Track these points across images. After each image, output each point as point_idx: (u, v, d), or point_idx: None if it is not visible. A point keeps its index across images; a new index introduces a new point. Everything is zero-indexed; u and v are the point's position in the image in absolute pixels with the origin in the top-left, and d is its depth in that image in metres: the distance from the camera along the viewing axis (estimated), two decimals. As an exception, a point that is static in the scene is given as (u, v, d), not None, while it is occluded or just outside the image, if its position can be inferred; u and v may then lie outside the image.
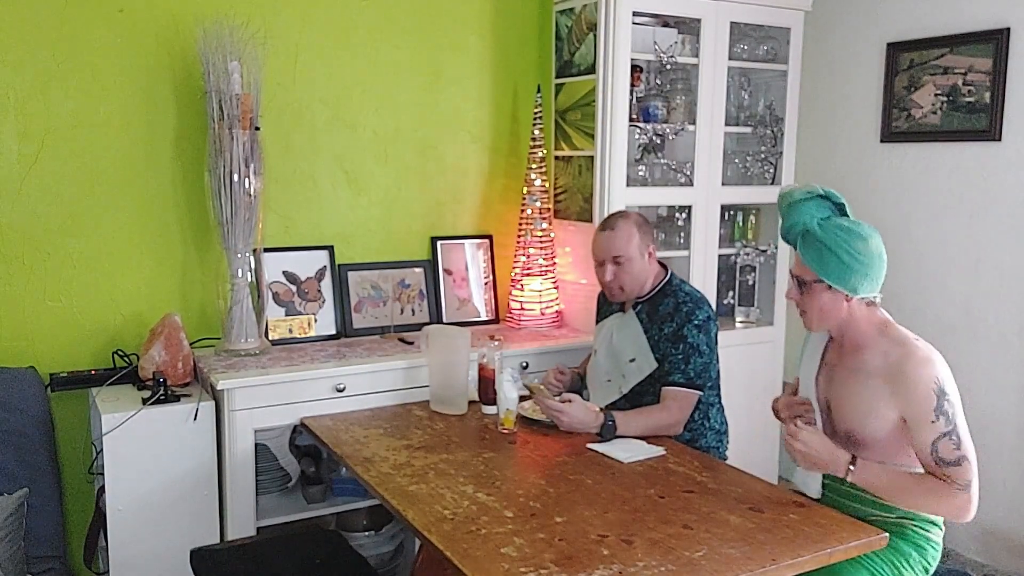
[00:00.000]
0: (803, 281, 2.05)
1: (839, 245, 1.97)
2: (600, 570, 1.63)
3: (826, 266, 1.99)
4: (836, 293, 2.01)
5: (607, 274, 2.51)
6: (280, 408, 2.58)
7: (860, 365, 2.03)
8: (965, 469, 1.89)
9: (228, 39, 2.66)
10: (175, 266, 2.90)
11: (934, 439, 1.89)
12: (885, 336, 2.02)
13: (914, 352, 1.95)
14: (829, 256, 1.98)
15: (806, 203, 2.05)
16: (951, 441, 1.89)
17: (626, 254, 2.49)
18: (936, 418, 1.89)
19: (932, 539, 2.04)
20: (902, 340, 1.99)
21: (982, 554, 3.15)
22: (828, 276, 1.99)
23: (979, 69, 3.08)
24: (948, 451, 1.89)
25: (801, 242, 2.04)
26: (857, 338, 2.06)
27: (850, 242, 1.97)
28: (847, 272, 1.97)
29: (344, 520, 2.97)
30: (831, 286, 2.00)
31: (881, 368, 1.98)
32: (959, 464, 1.89)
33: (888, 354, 1.98)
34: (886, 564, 1.98)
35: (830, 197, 2.06)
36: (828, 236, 1.98)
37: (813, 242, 2.00)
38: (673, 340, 2.45)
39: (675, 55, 3.23)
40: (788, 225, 2.07)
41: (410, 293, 3.24)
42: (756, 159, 3.56)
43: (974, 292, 3.18)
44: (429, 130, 3.28)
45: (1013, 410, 3.08)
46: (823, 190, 2.06)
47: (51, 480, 2.60)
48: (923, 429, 1.91)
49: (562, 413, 2.35)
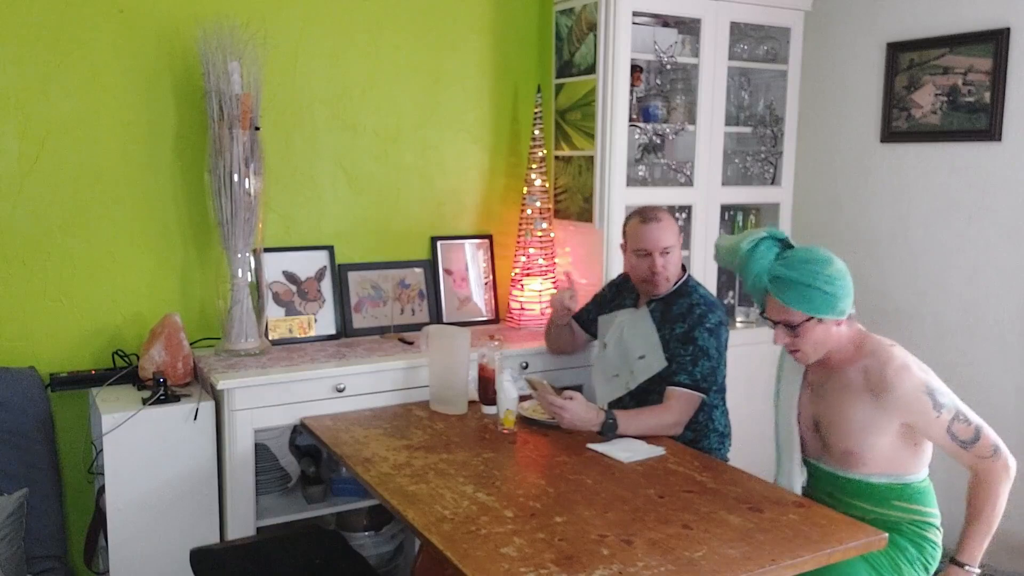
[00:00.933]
0: (792, 324, 2.04)
1: (813, 278, 1.98)
2: (600, 570, 1.63)
3: (812, 302, 1.99)
4: (827, 323, 2.03)
5: (657, 264, 2.51)
6: (280, 408, 2.58)
7: (844, 383, 2.06)
8: (985, 438, 1.96)
9: (228, 39, 2.66)
10: (175, 266, 2.90)
11: (947, 428, 1.96)
12: (861, 350, 2.05)
13: (889, 363, 1.99)
14: (810, 292, 1.99)
15: (756, 250, 2.08)
16: (960, 422, 1.96)
17: (674, 243, 2.53)
18: (939, 413, 1.95)
19: (930, 538, 2.05)
20: (875, 351, 2.03)
21: (982, 554, 3.14)
22: (817, 311, 2.00)
23: (979, 69, 3.08)
24: (964, 431, 1.96)
25: (773, 288, 2.04)
26: (840, 356, 2.09)
27: (821, 271, 1.99)
28: (832, 300, 1.99)
29: (344, 520, 2.97)
30: (821, 319, 2.01)
31: (864, 385, 2.02)
32: (979, 437, 1.95)
33: (868, 369, 2.01)
34: (885, 558, 2.00)
35: (772, 235, 2.10)
36: (799, 273, 2.00)
37: (788, 284, 2.01)
38: (683, 341, 2.45)
39: (675, 55, 3.23)
40: (752, 277, 2.09)
41: (410, 293, 3.24)
42: (756, 159, 3.56)
43: (974, 293, 3.18)
44: (429, 130, 3.28)
45: (1013, 410, 3.07)
46: (765, 231, 2.10)
47: (51, 480, 2.60)
48: (933, 427, 1.97)
49: (563, 410, 2.35)
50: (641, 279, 2.55)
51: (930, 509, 2.07)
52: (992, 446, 1.96)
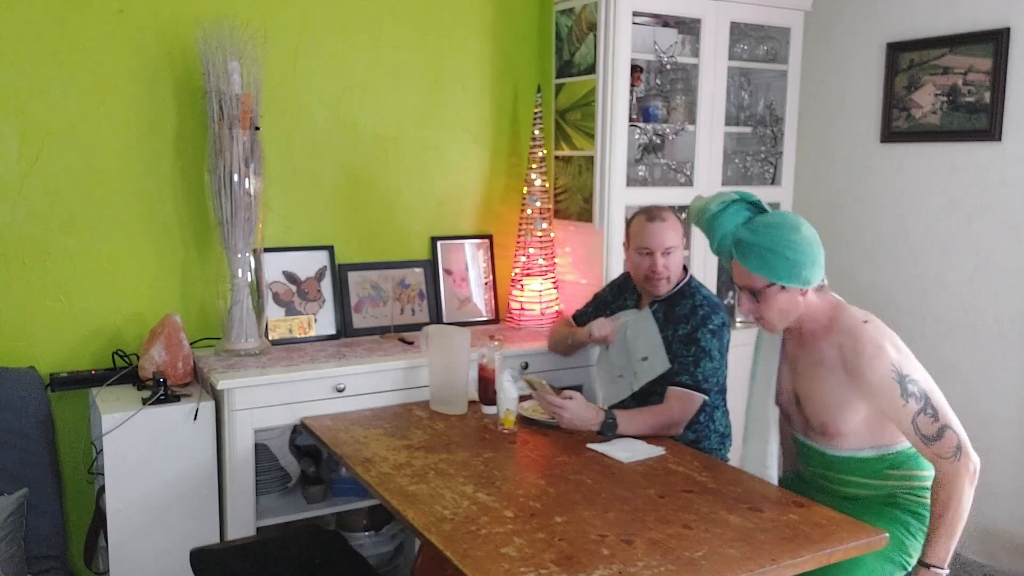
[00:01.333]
0: (755, 290, 2.02)
1: (777, 243, 1.95)
2: (600, 570, 1.63)
3: (773, 268, 1.97)
4: (791, 291, 2.00)
5: (658, 264, 2.50)
6: (280, 408, 2.58)
7: (820, 356, 2.04)
8: (948, 437, 1.89)
9: (228, 39, 2.66)
10: (175, 266, 2.90)
11: (911, 419, 1.91)
12: (836, 324, 2.01)
13: (863, 342, 1.94)
14: (772, 257, 1.96)
15: (725, 212, 2.06)
16: (927, 416, 1.90)
17: (677, 243, 2.51)
18: (905, 401, 1.91)
19: (925, 503, 2.05)
20: (851, 328, 1.98)
21: (982, 554, 3.14)
22: (779, 277, 1.97)
23: (979, 69, 3.08)
24: (927, 426, 1.90)
25: (737, 252, 2.02)
26: (814, 327, 2.06)
27: (786, 236, 1.96)
28: (795, 267, 1.96)
29: (344, 520, 2.97)
30: (784, 286, 1.98)
31: (838, 361, 1.98)
32: (941, 436, 1.89)
33: (842, 346, 1.98)
34: (890, 536, 1.99)
35: (744, 199, 2.07)
36: (762, 238, 1.97)
37: (751, 248, 1.98)
38: (686, 342, 2.45)
39: (675, 55, 3.23)
40: (717, 239, 2.07)
41: (410, 293, 3.24)
42: (756, 159, 3.56)
43: (974, 292, 3.18)
44: (429, 130, 3.28)
45: (1013, 410, 3.07)
46: (737, 194, 2.06)
47: (51, 480, 2.60)
48: (899, 415, 1.93)
49: (563, 409, 2.35)
50: (642, 278, 2.55)
51: (924, 472, 2.06)
52: (954, 448, 1.90)
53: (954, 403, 2.00)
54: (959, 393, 3.16)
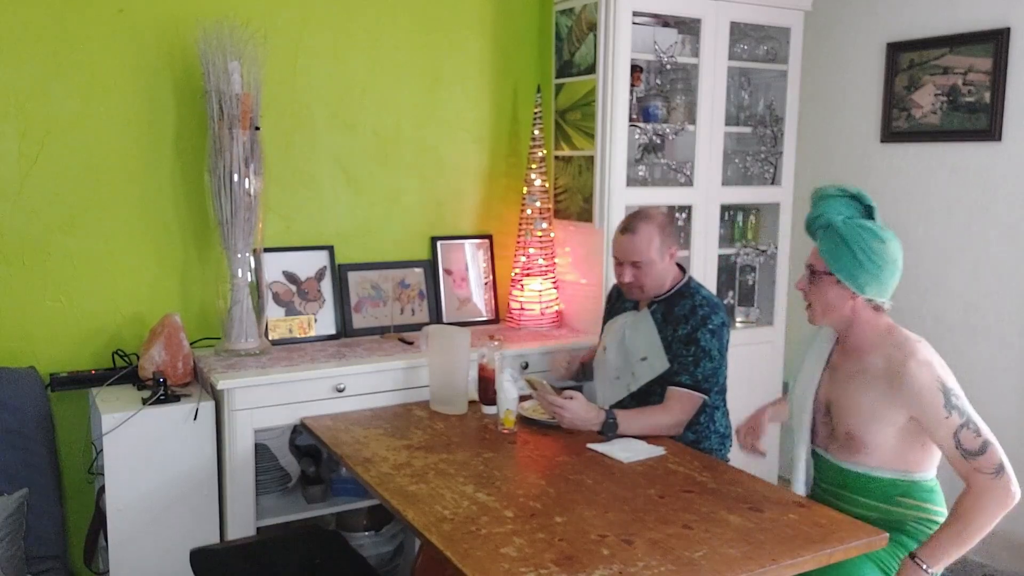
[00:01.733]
0: (814, 271, 2.07)
1: (855, 242, 1.99)
2: (600, 570, 1.63)
3: (839, 260, 2.00)
4: (843, 289, 2.02)
5: (626, 275, 2.51)
6: (280, 408, 2.58)
7: (862, 368, 2.04)
8: (991, 453, 1.89)
9: (228, 39, 2.66)
10: (175, 266, 2.90)
11: (954, 432, 1.90)
12: (888, 340, 2.03)
13: (914, 354, 1.96)
14: (844, 250, 2.00)
15: (836, 199, 2.07)
16: (970, 430, 1.90)
17: (645, 258, 2.47)
18: (948, 413, 1.91)
19: None
20: (903, 342, 2.00)
21: (982, 554, 3.15)
22: (839, 270, 2.01)
23: (979, 69, 3.08)
24: (970, 441, 1.90)
25: (822, 233, 2.06)
26: (861, 341, 2.07)
27: (867, 241, 1.99)
28: (858, 269, 1.99)
29: (344, 520, 2.97)
30: (839, 280, 2.02)
31: (883, 371, 1.99)
32: (984, 451, 1.89)
33: (891, 357, 1.99)
34: (892, 558, 2.00)
35: (861, 199, 2.07)
36: (847, 231, 2.00)
37: (832, 235, 2.02)
38: (686, 342, 2.45)
39: (675, 55, 3.23)
40: (813, 215, 2.09)
41: (410, 293, 3.24)
42: (756, 159, 3.56)
43: (974, 292, 3.18)
44: (429, 130, 3.28)
45: (1013, 410, 3.07)
46: (856, 190, 2.07)
47: (51, 480, 2.60)
48: (940, 427, 1.92)
49: (564, 409, 2.35)
50: (620, 285, 2.57)
51: (937, 508, 2.05)
52: (997, 464, 1.88)
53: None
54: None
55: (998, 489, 1.87)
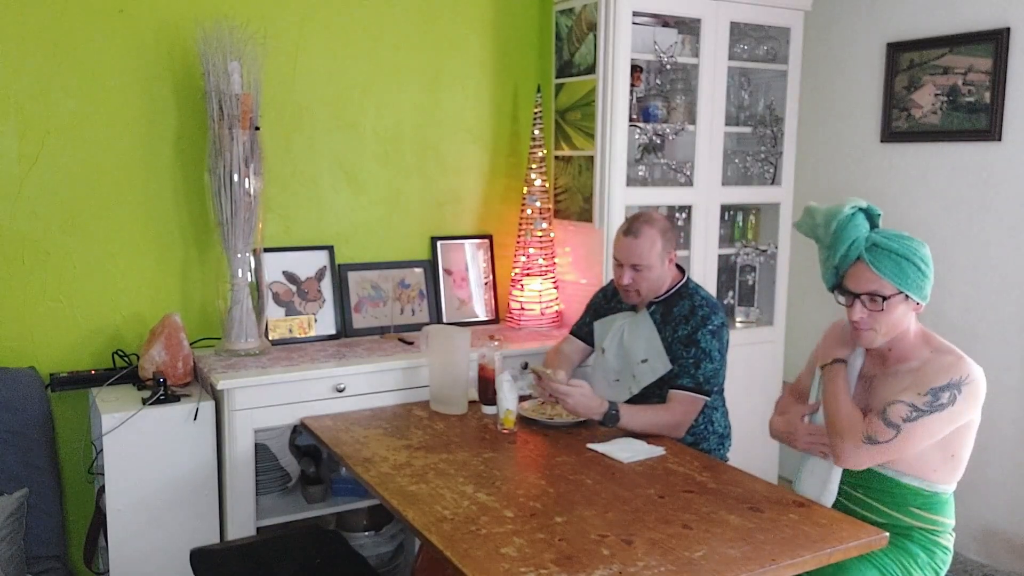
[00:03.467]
0: (882, 296, 1.95)
1: (912, 253, 1.93)
2: (600, 570, 1.63)
3: (906, 276, 1.93)
4: (910, 303, 1.97)
5: (625, 278, 2.50)
6: (280, 408, 2.58)
7: (902, 368, 2.00)
8: (887, 432, 1.87)
9: (228, 39, 2.66)
10: (175, 266, 2.90)
11: (899, 400, 1.88)
12: (929, 344, 1.99)
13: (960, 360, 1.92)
14: (908, 266, 1.93)
15: (855, 217, 2.00)
16: (909, 412, 1.87)
17: (647, 262, 2.47)
18: (924, 392, 1.87)
19: (940, 543, 2.03)
20: (949, 349, 1.97)
21: (982, 554, 3.15)
22: (908, 287, 1.93)
23: (979, 69, 3.08)
24: (896, 414, 1.88)
25: (872, 256, 1.96)
26: (905, 349, 2.02)
27: (918, 249, 1.93)
28: (923, 280, 1.94)
29: (344, 520, 2.97)
30: (908, 296, 1.95)
31: (915, 374, 1.95)
32: (889, 426, 1.87)
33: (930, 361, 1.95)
34: (895, 563, 1.99)
35: (869, 210, 2.03)
36: (899, 245, 1.93)
37: (887, 254, 1.94)
38: (686, 343, 2.45)
39: (675, 55, 3.23)
40: (847, 244, 1.99)
41: (410, 293, 3.24)
42: (756, 159, 3.56)
43: (974, 292, 3.18)
44: (429, 130, 3.28)
45: (1013, 410, 3.07)
46: (864, 203, 2.02)
47: (51, 480, 2.60)
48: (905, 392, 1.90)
49: (568, 396, 2.35)
50: (617, 285, 2.56)
51: (946, 520, 2.04)
52: (871, 436, 1.90)
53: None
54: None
55: (855, 445, 1.93)
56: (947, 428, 1.92)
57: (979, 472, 3.15)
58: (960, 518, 2.04)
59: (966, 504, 3.17)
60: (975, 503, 3.13)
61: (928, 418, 1.87)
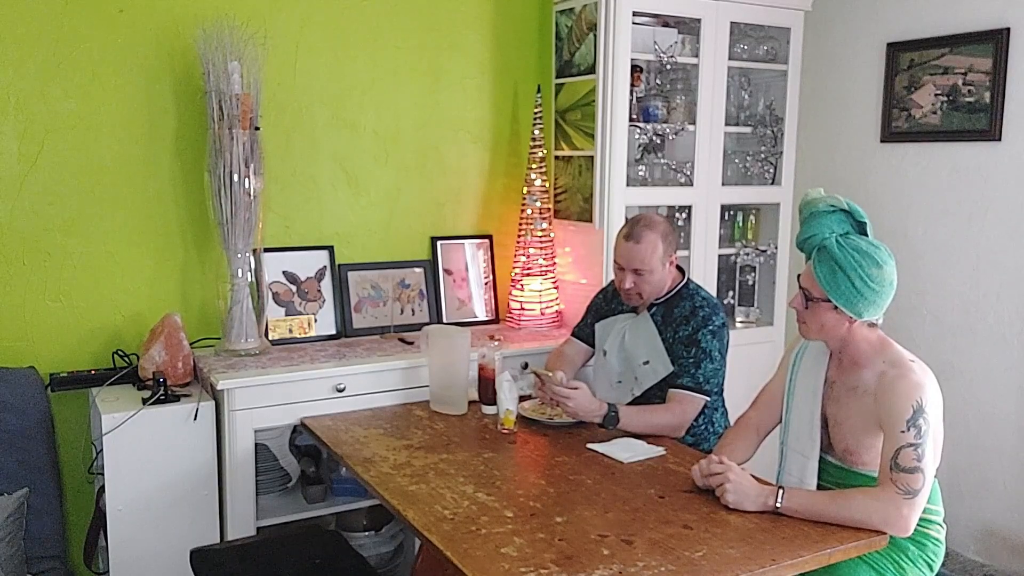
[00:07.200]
0: (810, 296, 2.01)
1: (853, 269, 1.93)
2: (600, 570, 1.63)
3: (837, 287, 1.95)
4: (840, 315, 1.98)
5: (627, 282, 2.50)
6: (280, 408, 2.58)
7: (857, 383, 2.02)
8: (916, 478, 1.83)
9: (228, 39, 2.66)
10: (175, 266, 2.90)
11: (899, 447, 1.85)
12: (882, 356, 2.00)
13: (908, 374, 1.92)
14: (842, 278, 1.94)
15: (828, 216, 2.01)
16: (915, 452, 1.84)
17: (648, 267, 2.47)
18: (907, 428, 1.86)
19: (931, 535, 2.04)
20: (899, 361, 1.97)
21: (982, 554, 3.14)
22: (837, 298, 1.96)
23: (979, 69, 3.08)
24: (908, 459, 1.84)
25: (816, 256, 1.99)
26: (856, 356, 2.04)
27: (865, 267, 1.93)
28: (856, 297, 1.94)
29: (344, 520, 2.97)
30: (837, 307, 1.97)
31: (874, 386, 1.97)
32: (912, 472, 1.83)
33: (884, 374, 1.96)
34: (887, 560, 1.99)
35: (853, 213, 2.02)
36: (844, 257, 1.94)
37: (828, 260, 1.96)
38: (687, 344, 2.45)
39: (675, 55, 3.23)
40: (806, 235, 2.03)
41: (410, 293, 3.24)
42: (756, 159, 3.56)
43: (974, 292, 3.18)
44: (429, 130, 3.28)
45: (1013, 410, 3.07)
46: (848, 204, 2.02)
47: (51, 480, 2.60)
48: (892, 438, 1.87)
49: (568, 399, 2.35)
50: (618, 288, 2.56)
51: (933, 507, 2.04)
52: (915, 489, 1.82)
53: (954, 403, 1.99)
54: (959, 393, 3.16)
55: (896, 508, 1.82)
56: (939, 441, 1.93)
57: (979, 472, 3.15)
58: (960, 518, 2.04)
59: (966, 504, 3.18)
60: (975, 503, 3.13)
61: (927, 445, 1.87)
